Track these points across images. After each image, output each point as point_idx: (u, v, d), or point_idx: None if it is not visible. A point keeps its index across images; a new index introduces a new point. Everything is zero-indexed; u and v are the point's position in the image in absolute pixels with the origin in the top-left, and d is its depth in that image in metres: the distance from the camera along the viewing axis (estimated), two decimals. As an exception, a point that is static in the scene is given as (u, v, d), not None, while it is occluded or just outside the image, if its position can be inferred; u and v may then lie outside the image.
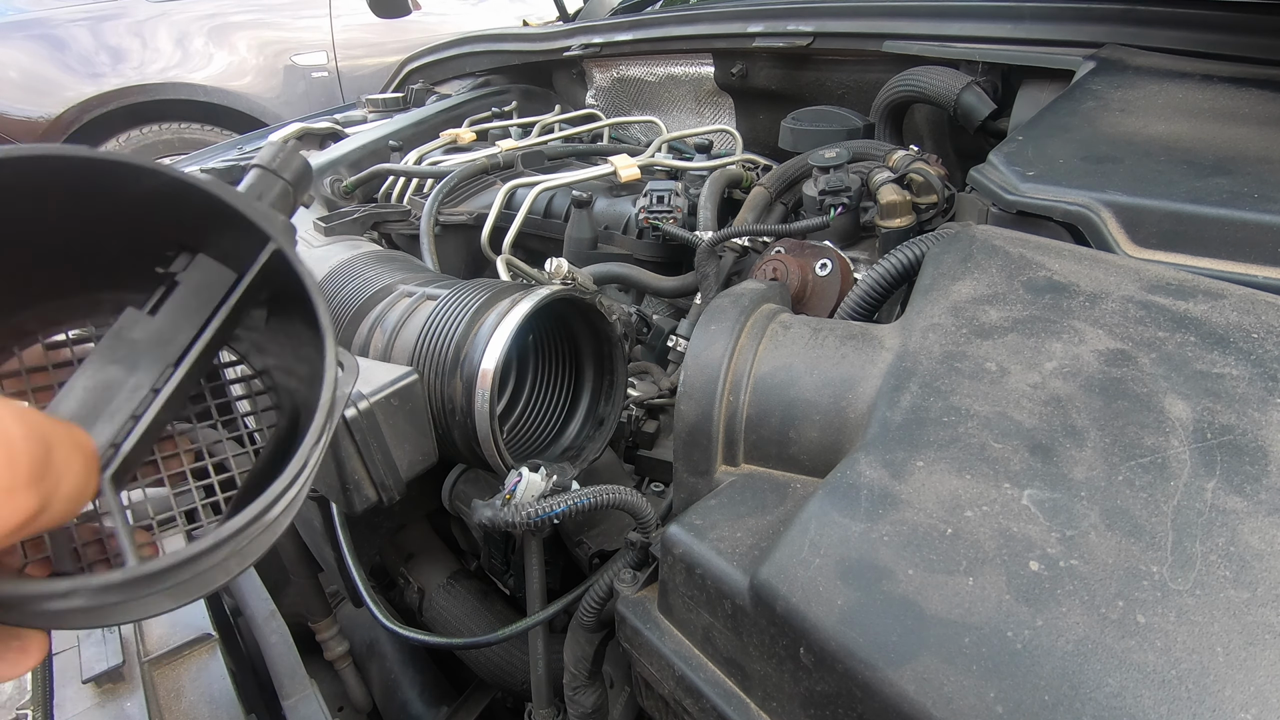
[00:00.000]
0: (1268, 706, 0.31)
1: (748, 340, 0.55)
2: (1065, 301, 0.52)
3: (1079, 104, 0.84)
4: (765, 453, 0.54)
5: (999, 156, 0.74)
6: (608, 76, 1.82)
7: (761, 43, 1.40)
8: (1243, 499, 0.38)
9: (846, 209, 0.96)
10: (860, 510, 0.41)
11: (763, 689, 0.44)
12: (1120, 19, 1.02)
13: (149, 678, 0.69)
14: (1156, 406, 0.43)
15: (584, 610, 0.65)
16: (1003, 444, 0.42)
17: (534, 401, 0.83)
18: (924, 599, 0.37)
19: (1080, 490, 0.39)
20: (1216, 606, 0.34)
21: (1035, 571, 0.36)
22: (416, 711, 1.16)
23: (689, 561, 0.48)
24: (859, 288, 0.70)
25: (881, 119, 1.19)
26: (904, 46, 1.19)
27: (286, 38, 4.06)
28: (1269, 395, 0.43)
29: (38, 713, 0.64)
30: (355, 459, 0.63)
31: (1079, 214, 0.65)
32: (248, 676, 0.83)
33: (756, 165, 1.36)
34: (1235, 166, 0.66)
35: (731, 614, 0.45)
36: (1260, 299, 0.50)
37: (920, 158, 0.96)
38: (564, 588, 0.77)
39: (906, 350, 0.50)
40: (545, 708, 0.78)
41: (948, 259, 0.58)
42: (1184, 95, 0.83)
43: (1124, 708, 0.31)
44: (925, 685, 0.34)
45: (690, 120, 1.70)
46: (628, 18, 1.72)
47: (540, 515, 0.59)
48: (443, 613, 1.03)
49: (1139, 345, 0.47)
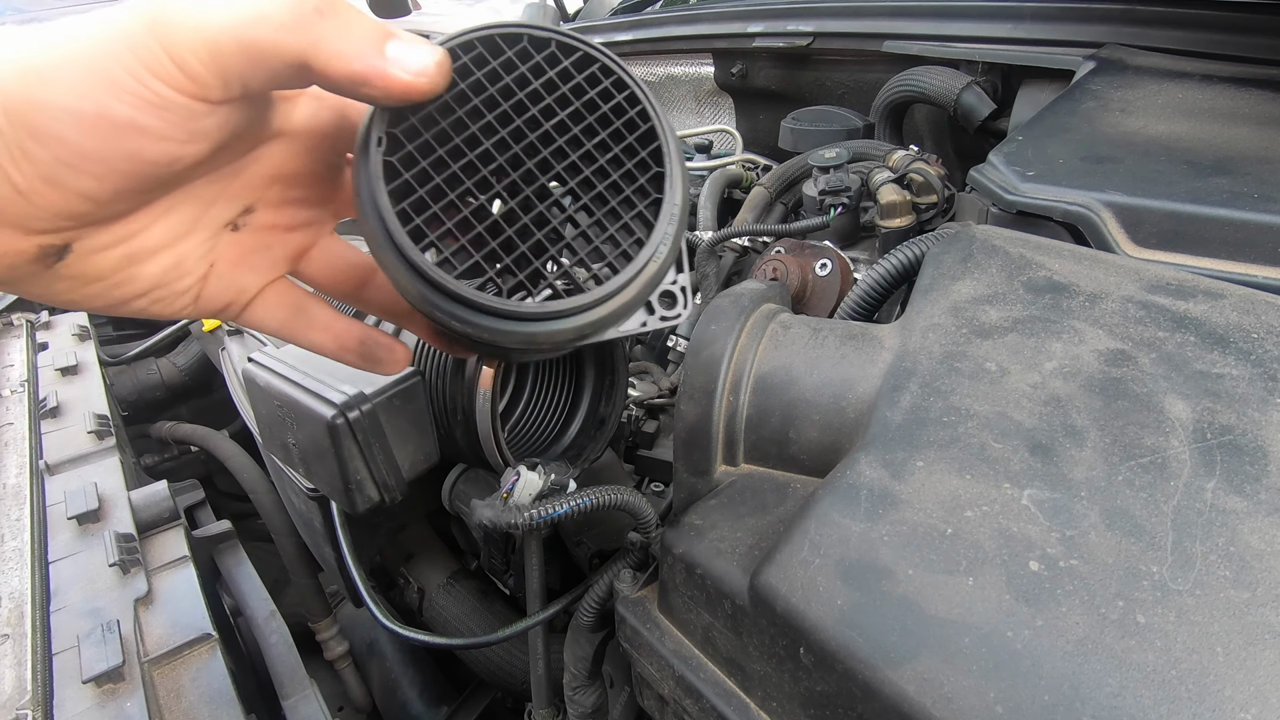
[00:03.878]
0: (1268, 706, 0.31)
1: (748, 340, 0.55)
2: (1065, 301, 0.52)
3: (1079, 104, 0.84)
4: (765, 453, 0.54)
5: (999, 156, 0.74)
6: (608, 76, 1.82)
7: (761, 43, 1.40)
8: (1243, 499, 0.38)
9: (846, 209, 0.96)
10: (860, 510, 0.41)
11: (763, 689, 0.45)
12: (1120, 19, 1.02)
13: (149, 678, 0.69)
14: (1156, 406, 0.43)
15: (584, 610, 0.65)
16: (1003, 444, 0.42)
17: (535, 401, 0.83)
18: (924, 599, 0.37)
19: (1080, 490, 0.39)
20: (1216, 606, 0.34)
21: (1035, 571, 0.36)
22: (416, 711, 1.16)
23: (689, 561, 0.48)
24: (859, 288, 0.70)
25: (881, 119, 1.19)
26: (904, 46, 1.19)
27: (286, 38, 4.06)
28: (1269, 395, 0.43)
29: (38, 713, 0.64)
30: (358, 459, 0.63)
31: (1079, 214, 0.65)
32: (248, 676, 0.83)
33: (756, 165, 1.36)
34: (1235, 166, 0.66)
35: (731, 614, 0.45)
36: (1260, 299, 0.50)
37: (920, 158, 0.96)
38: (564, 588, 0.77)
39: (906, 350, 0.50)
40: (545, 708, 0.78)
41: (948, 259, 0.58)
42: (1184, 95, 0.83)
43: (1124, 708, 0.31)
44: (925, 685, 0.34)
45: (690, 120, 1.70)
46: (628, 18, 1.72)
47: (541, 516, 0.59)
48: (443, 613, 1.03)
49: (1139, 345, 0.47)
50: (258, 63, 0.28)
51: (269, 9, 0.28)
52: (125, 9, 0.28)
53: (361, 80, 0.30)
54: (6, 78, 0.26)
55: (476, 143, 0.34)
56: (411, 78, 0.30)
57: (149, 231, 0.34)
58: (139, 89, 0.27)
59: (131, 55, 0.27)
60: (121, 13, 0.28)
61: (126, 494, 0.91)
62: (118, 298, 0.34)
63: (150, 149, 0.29)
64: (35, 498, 0.90)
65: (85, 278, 0.33)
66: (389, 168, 0.32)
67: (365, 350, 0.42)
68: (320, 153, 0.38)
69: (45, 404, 1.13)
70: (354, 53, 0.29)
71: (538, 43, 0.34)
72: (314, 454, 0.65)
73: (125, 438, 1.38)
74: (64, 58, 0.27)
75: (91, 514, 0.87)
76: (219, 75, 0.28)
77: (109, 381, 1.46)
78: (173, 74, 0.27)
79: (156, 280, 0.35)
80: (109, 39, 0.27)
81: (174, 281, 0.36)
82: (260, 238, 0.39)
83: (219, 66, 0.28)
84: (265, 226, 0.39)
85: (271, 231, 0.39)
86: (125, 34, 0.27)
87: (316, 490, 0.78)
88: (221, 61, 0.28)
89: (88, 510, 0.87)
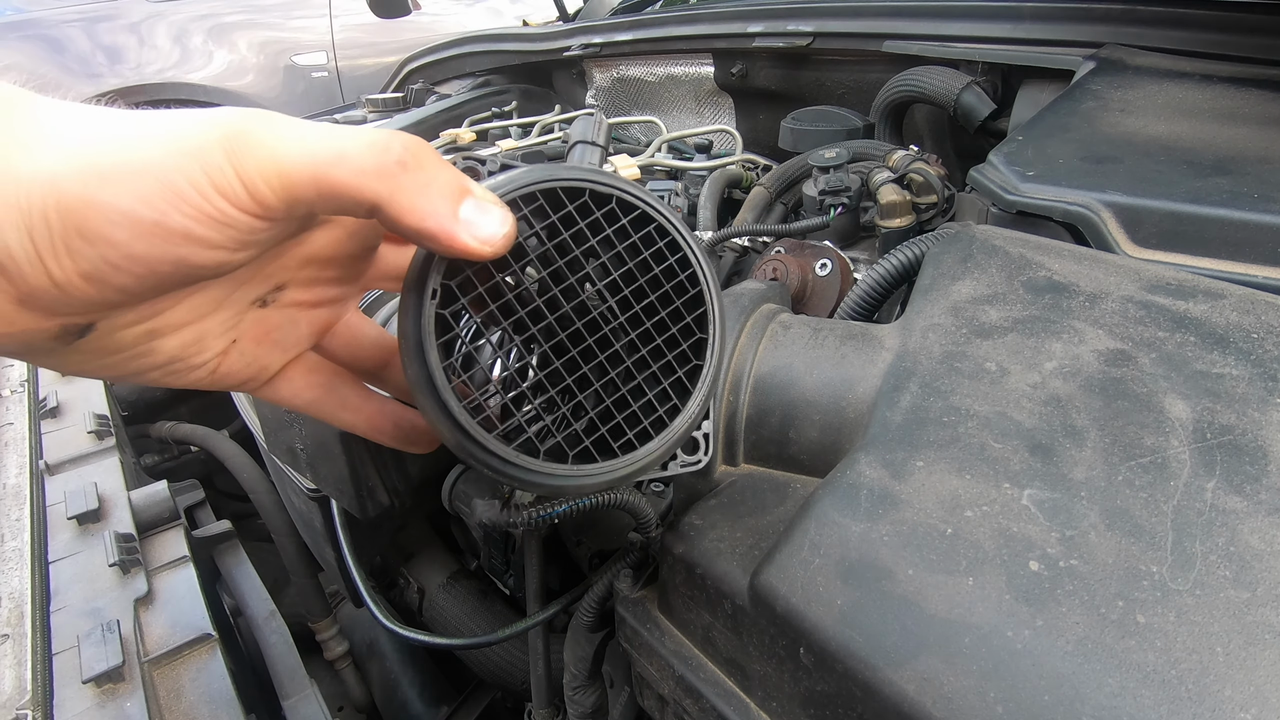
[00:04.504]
0: (1268, 706, 0.31)
1: (748, 340, 0.55)
2: (1065, 301, 0.52)
3: (1079, 104, 0.84)
4: (765, 453, 0.54)
5: (999, 156, 0.74)
6: (608, 76, 1.82)
7: (761, 43, 1.40)
8: (1243, 499, 0.38)
9: (846, 209, 0.96)
10: (860, 510, 0.41)
11: (763, 689, 0.45)
12: (1120, 19, 1.02)
13: (149, 678, 0.69)
14: (1156, 406, 0.43)
15: (584, 610, 0.65)
16: (1003, 444, 0.42)
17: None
18: (924, 599, 0.37)
19: (1080, 490, 0.39)
20: (1216, 606, 0.34)
21: (1035, 571, 0.36)
22: (416, 711, 1.16)
23: (689, 561, 0.48)
24: (859, 288, 0.70)
25: (881, 119, 1.19)
26: (904, 46, 1.19)
27: (286, 38, 4.06)
28: (1269, 395, 0.43)
29: (38, 713, 0.64)
30: (369, 465, 0.63)
31: (1079, 214, 0.65)
32: (248, 676, 0.83)
33: (756, 165, 1.36)
34: (1235, 166, 0.66)
35: (731, 614, 0.45)
36: (1260, 299, 0.50)
37: (920, 158, 0.96)
38: (564, 588, 0.77)
39: (906, 350, 0.50)
40: (545, 708, 0.78)
41: (948, 259, 0.58)
42: (1184, 95, 0.83)
43: (1124, 708, 0.31)
44: (925, 685, 0.34)
45: (690, 120, 1.70)
46: (628, 18, 1.72)
47: (541, 516, 0.59)
48: (443, 613, 1.03)
49: (1139, 345, 0.47)
50: (329, 200, 0.28)
51: (352, 153, 0.27)
52: (204, 121, 0.27)
53: (430, 237, 0.29)
54: (66, 173, 0.25)
55: (527, 299, 0.34)
56: (479, 245, 0.30)
57: (176, 309, 0.33)
58: (202, 204, 0.27)
59: (201, 172, 0.26)
60: (199, 124, 0.27)
61: (126, 494, 0.91)
62: (132, 370, 0.34)
63: (199, 256, 0.28)
64: (35, 498, 0.90)
65: (103, 352, 0.32)
66: (440, 321, 0.32)
67: (400, 433, 0.41)
68: (361, 237, 0.37)
69: (45, 404, 1.12)
70: (429, 210, 0.29)
71: (599, 199, 0.34)
72: (323, 458, 0.65)
73: (125, 438, 1.37)
74: (130, 162, 0.26)
75: (91, 514, 0.87)
76: (287, 203, 0.28)
77: (109, 381, 1.45)
78: (240, 197, 0.27)
79: (175, 355, 0.34)
80: (181, 151, 0.26)
81: (193, 356, 0.35)
82: (287, 314, 0.38)
83: (289, 196, 0.27)
84: (293, 304, 0.38)
85: (299, 308, 0.38)
86: (199, 149, 0.26)
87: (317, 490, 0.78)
88: (292, 193, 0.27)
89: (88, 510, 0.87)
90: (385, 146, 0.28)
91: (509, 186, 0.33)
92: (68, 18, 3.64)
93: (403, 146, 0.28)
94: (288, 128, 0.27)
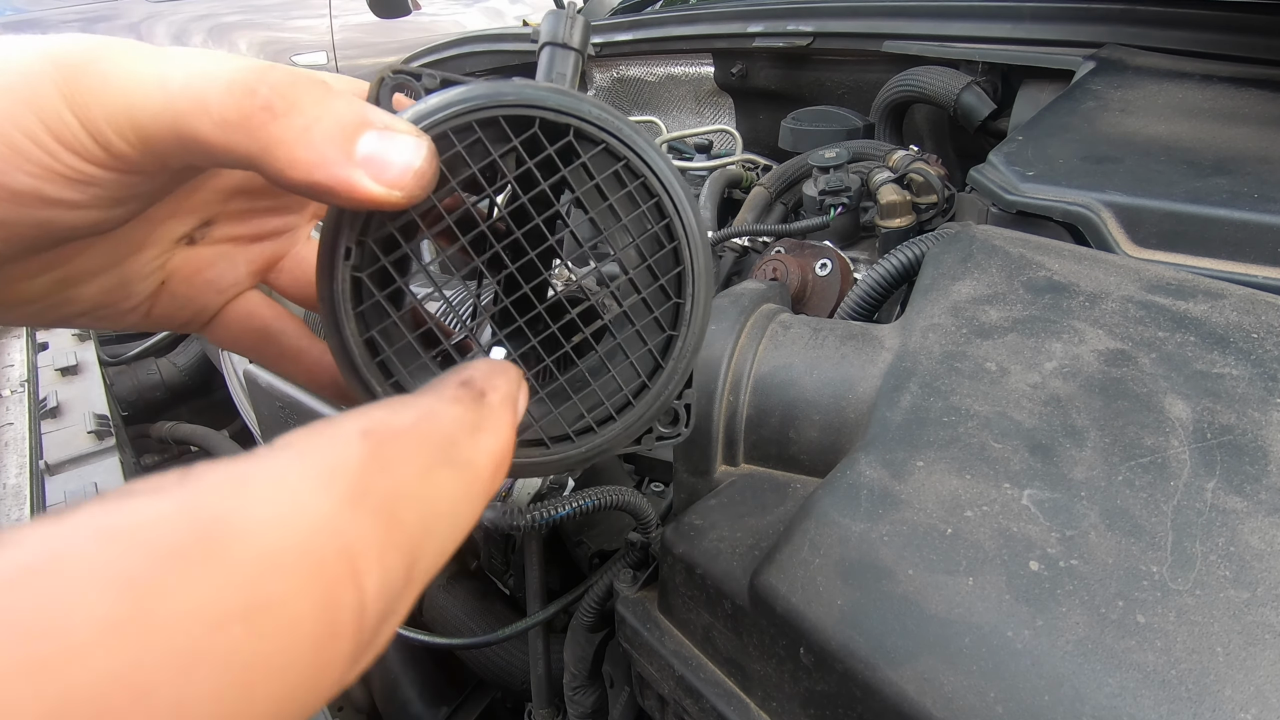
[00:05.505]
0: (1268, 706, 0.31)
1: (747, 340, 0.55)
2: (1065, 301, 0.52)
3: (1079, 104, 0.84)
4: (765, 453, 0.54)
5: (999, 156, 0.74)
6: (608, 76, 1.82)
7: (761, 43, 1.40)
8: (1243, 499, 0.38)
9: (846, 209, 0.96)
10: (860, 510, 0.41)
11: (763, 689, 0.45)
12: (1120, 19, 1.02)
13: (149, 678, 0.69)
14: (1156, 406, 0.43)
15: (584, 610, 0.65)
16: (1003, 444, 0.42)
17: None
18: (924, 599, 0.37)
19: (1080, 490, 0.39)
20: (1216, 606, 0.34)
21: (1035, 571, 0.36)
22: (416, 711, 1.16)
23: (689, 561, 0.48)
24: (859, 288, 0.70)
25: (881, 119, 1.19)
26: (904, 46, 1.19)
27: (286, 38, 4.06)
28: (1269, 395, 0.43)
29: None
30: None
31: (1079, 214, 0.65)
32: (248, 676, 0.83)
33: (756, 165, 1.36)
34: (1235, 166, 0.66)
35: (731, 614, 0.45)
36: (1260, 299, 0.50)
37: (920, 158, 0.96)
38: (564, 588, 0.77)
39: (906, 350, 0.50)
40: (545, 708, 0.78)
41: (948, 259, 0.58)
42: (1184, 95, 0.83)
43: (1124, 708, 0.31)
44: (925, 685, 0.34)
45: (690, 120, 1.70)
46: (628, 18, 1.72)
47: (542, 518, 0.59)
48: (443, 613, 1.03)
49: (1139, 345, 0.47)
50: (198, 154, 0.23)
51: (210, 97, 0.22)
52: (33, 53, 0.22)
53: (324, 191, 0.23)
54: None
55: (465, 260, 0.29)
56: (384, 191, 0.23)
57: (84, 257, 0.29)
58: (46, 160, 0.22)
59: (35, 119, 0.21)
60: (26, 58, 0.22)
61: (126, 494, 0.91)
62: (55, 318, 0.30)
63: (66, 218, 0.23)
64: (35, 498, 0.90)
65: (12, 304, 0.28)
66: (357, 286, 0.27)
67: (339, 389, 0.35)
68: None
69: (45, 404, 1.13)
70: (313, 160, 0.22)
71: (552, 130, 0.27)
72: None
73: (125, 438, 1.37)
74: None
75: (91, 514, 0.87)
76: (151, 156, 0.23)
77: (109, 381, 1.46)
78: (89, 148, 0.22)
79: (99, 301, 0.30)
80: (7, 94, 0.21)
81: (120, 301, 0.31)
82: (221, 251, 0.34)
83: (149, 149, 0.23)
84: (226, 239, 0.34)
85: (234, 244, 0.34)
86: (30, 92, 0.21)
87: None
88: (151, 145, 0.23)
89: (88, 510, 0.87)
90: (247, 89, 0.22)
91: (437, 114, 0.26)
92: (67, 18, 3.64)
93: (270, 86, 0.22)
94: (143, 61, 0.22)
